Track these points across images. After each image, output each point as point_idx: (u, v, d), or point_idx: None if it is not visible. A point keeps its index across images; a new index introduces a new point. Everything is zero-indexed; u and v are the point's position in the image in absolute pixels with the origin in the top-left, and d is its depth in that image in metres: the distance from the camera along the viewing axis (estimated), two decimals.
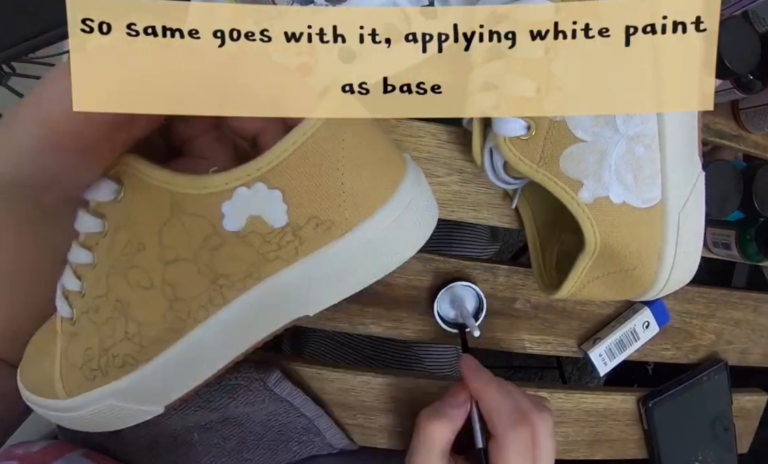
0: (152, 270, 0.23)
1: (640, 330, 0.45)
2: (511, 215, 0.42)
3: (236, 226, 0.22)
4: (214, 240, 0.22)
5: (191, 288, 0.23)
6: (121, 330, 0.23)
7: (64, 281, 0.25)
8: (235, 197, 0.21)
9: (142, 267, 0.23)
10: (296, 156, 0.22)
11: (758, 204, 0.41)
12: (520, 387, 0.45)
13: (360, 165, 0.23)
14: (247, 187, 0.21)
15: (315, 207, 0.22)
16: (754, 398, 0.52)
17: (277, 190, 0.22)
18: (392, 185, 0.24)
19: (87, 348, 0.24)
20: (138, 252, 0.23)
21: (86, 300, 0.24)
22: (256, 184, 0.21)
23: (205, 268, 0.22)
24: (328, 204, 0.22)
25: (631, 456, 0.49)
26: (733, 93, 0.41)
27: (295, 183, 0.22)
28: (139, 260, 0.23)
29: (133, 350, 0.23)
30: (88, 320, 0.24)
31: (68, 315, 0.25)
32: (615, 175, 0.29)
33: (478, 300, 0.41)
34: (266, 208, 0.22)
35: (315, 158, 0.22)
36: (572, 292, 0.34)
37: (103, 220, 0.23)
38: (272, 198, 0.22)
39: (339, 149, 0.22)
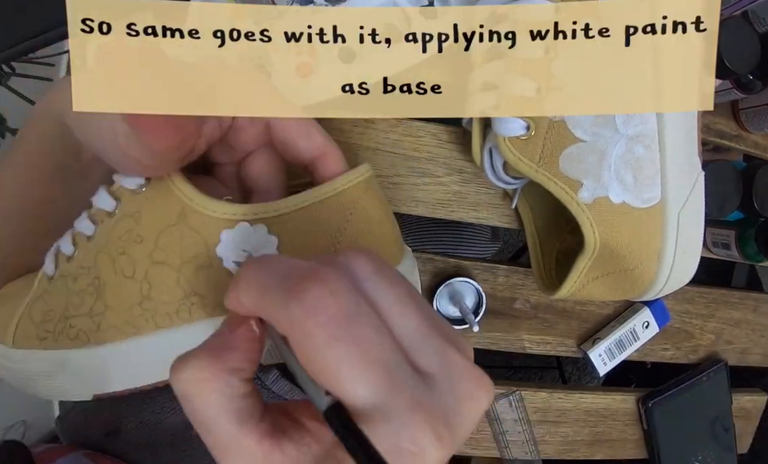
0: (139, 263, 0.23)
1: (639, 330, 0.45)
2: (511, 215, 0.42)
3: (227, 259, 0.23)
4: (202, 260, 0.23)
5: (165, 294, 0.23)
6: (88, 305, 0.24)
7: (61, 243, 0.26)
8: (236, 229, 0.22)
9: (131, 256, 0.24)
10: (302, 213, 0.23)
11: (758, 204, 0.41)
12: (519, 387, 0.45)
13: (358, 241, 0.24)
14: (250, 224, 0.22)
15: None
16: (754, 398, 0.52)
17: (275, 237, 0.23)
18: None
19: (50, 309, 0.25)
20: (134, 243, 0.24)
21: (71, 266, 0.25)
22: (258, 225, 0.22)
23: (184, 281, 0.23)
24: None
25: (631, 456, 0.49)
26: (733, 93, 0.41)
27: (292, 236, 0.23)
28: (132, 250, 0.24)
29: (90, 328, 0.24)
30: (64, 284, 0.25)
31: (50, 273, 0.26)
32: (615, 175, 0.29)
33: (477, 296, 0.41)
34: (260, 249, 0.23)
35: (318, 222, 0.23)
36: (572, 292, 0.34)
37: (118, 203, 0.24)
38: (268, 242, 0.23)
39: (343, 221, 0.23)
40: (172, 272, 0.23)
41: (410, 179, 0.40)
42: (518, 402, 0.45)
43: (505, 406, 0.45)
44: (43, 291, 0.26)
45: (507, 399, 0.45)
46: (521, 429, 0.45)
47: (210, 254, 0.23)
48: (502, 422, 0.45)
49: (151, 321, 0.24)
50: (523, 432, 0.45)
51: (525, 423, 0.45)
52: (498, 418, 0.45)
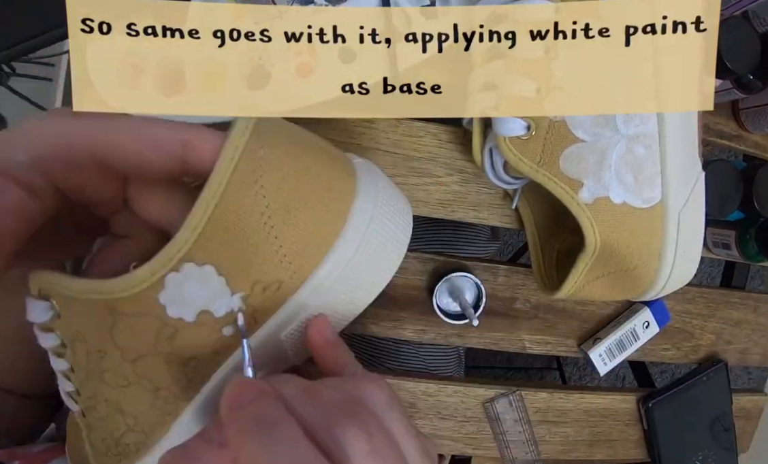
0: (122, 370, 0.22)
1: (640, 330, 0.45)
2: (511, 215, 0.42)
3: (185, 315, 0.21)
4: (167, 331, 0.21)
5: (166, 377, 0.22)
6: (122, 423, 0.23)
7: (60, 384, 0.24)
8: (167, 285, 0.20)
9: (112, 370, 0.22)
10: (213, 222, 0.19)
11: (758, 204, 0.41)
12: (519, 386, 0.45)
13: (291, 209, 0.20)
14: (176, 271, 0.20)
15: (254, 271, 0.20)
16: (754, 398, 0.52)
17: (209, 265, 0.20)
18: (340, 217, 0.21)
19: (103, 438, 0.24)
20: (102, 358, 0.22)
21: (83, 399, 0.24)
22: (184, 266, 0.19)
23: (170, 357, 0.22)
24: (267, 264, 0.20)
25: (631, 457, 0.49)
26: (733, 93, 0.41)
27: (222, 252, 0.20)
28: (106, 364, 0.22)
29: (139, 438, 0.24)
30: (93, 416, 0.24)
31: (77, 410, 0.24)
32: (615, 175, 0.29)
33: (477, 291, 0.41)
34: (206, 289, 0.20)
35: (234, 217, 0.19)
36: (572, 292, 0.34)
37: (57, 335, 0.22)
38: (206, 274, 0.20)
39: (260, 199, 0.20)
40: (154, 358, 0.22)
41: (410, 179, 0.40)
42: (518, 402, 0.45)
43: (505, 406, 0.45)
44: (86, 426, 0.25)
45: (507, 399, 0.45)
46: (521, 429, 0.45)
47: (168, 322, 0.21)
48: (502, 422, 0.45)
49: (180, 400, 0.23)
50: (523, 432, 0.45)
51: (525, 423, 0.45)
52: (498, 418, 0.45)
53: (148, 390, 0.22)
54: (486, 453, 0.46)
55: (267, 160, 0.20)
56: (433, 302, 0.41)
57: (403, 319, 0.42)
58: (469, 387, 0.45)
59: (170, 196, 0.22)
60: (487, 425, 0.45)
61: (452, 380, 0.46)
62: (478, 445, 0.46)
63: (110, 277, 0.20)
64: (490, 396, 0.45)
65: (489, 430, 0.46)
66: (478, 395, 0.45)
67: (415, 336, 0.43)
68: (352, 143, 0.38)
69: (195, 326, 0.21)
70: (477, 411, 0.45)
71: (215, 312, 0.21)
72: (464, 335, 0.43)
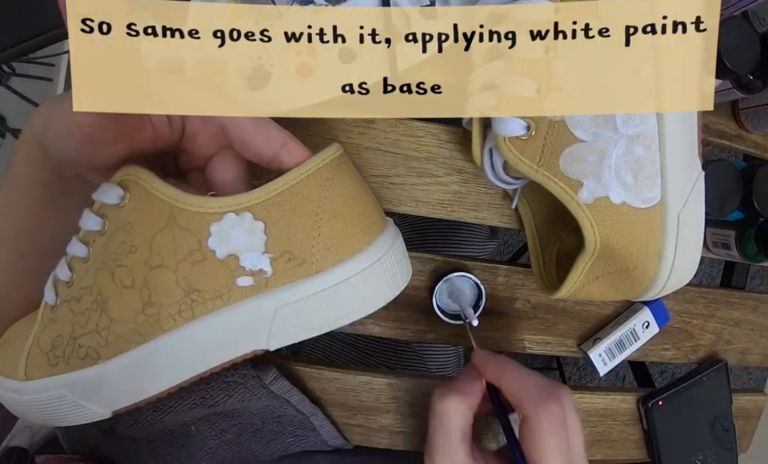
0: (136, 271, 0.24)
1: (640, 330, 0.45)
2: (511, 215, 0.42)
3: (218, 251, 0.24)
4: (196, 255, 0.24)
5: (166, 296, 0.24)
6: (93, 322, 0.25)
7: (57, 271, 0.26)
8: (224, 220, 0.24)
9: (128, 267, 0.24)
10: (283, 195, 0.24)
11: (758, 204, 0.41)
12: None
13: (338, 214, 0.25)
14: (236, 213, 0.24)
15: (291, 243, 0.24)
16: (754, 398, 0.52)
17: (261, 222, 0.24)
18: (366, 239, 0.26)
19: (58, 335, 0.26)
20: (129, 254, 0.24)
21: (72, 289, 0.26)
22: (243, 213, 0.24)
23: (182, 280, 0.24)
24: (303, 242, 0.24)
25: (631, 457, 0.49)
26: (733, 93, 0.41)
27: (277, 218, 0.24)
28: (128, 260, 0.24)
29: (98, 344, 0.25)
30: (68, 308, 0.26)
31: (52, 302, 0.26)
32: (615, 175, 0.29)
33: (477, 291, 0.41)
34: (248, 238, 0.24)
35: (299, 199, 0.24)
36: (572, 292, 0.34)
37: (104, 221, 0.25)
38: (255, 227, 0.24)
39: (322, 197, 0.25)
40: (169, 273, 0.24)
41: (410, 179, 0.40)
42: None
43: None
44: (48, 321, 0.26)
45: None
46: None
47: (203, 248, 0.24)
48: None
49: (157, 326, 0.24)
50: None
51: None
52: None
53: (142, 301, 0.24)
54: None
55: (339, 178, 0.25)
56: (433, 302, 0.41)
57: (403, 319, 0.42)
58: None
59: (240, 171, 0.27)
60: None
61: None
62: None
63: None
64: None
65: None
66: None
67: (415, 336, 0.43)
68: (352, 143, 0.38)
69: (219, 263, 0.24)
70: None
71: (243, 260, 0.24)
72: (464, 335, 0.43)
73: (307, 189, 0.24)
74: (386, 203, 0.40)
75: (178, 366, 0.26)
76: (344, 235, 0.25)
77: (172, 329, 0.25)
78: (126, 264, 0.24)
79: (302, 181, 0.24)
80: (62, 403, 0.26)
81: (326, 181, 0.25)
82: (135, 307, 0.24)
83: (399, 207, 0.40)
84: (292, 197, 0.24)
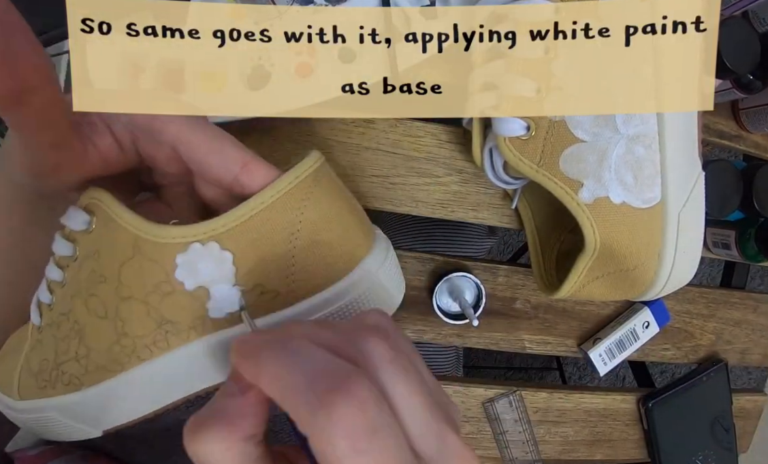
0: (108, 302, 0.23)
1: (640, 330, 0.45)
2: (511, 215, 0.42)
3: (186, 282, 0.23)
4: (165, 287, 0.23)
5: (139, 327, 0.23)
6: (73, 350, 0.24)
7: (39, 292, 0.26)
8: (189, 250, 0.22)
9: (100, 298, 0.23)
10: (251, 223, 0.22)
11: (758, 204, 0.41)
12: (519, 386, 0.45)
13: (316, 242, 0.23)
14: (202, 243, 0.22)
15: (263, 276, 0.23)
16: (754, 398, 0.52)
17: (229, 252, 0.22)
18: (349, 265, 0.24)
19: (44, 358, 0.25)
20: (99, 283, 0.23)
21: (53, 314, 0.25)
22: (210, 243, 0.22)
23: (153, 312, 0.23)
24: (275, 275, 0.23)
25: (631, 457, 0.49)
26: (733, 93, 0.41)
27: (245, 248, 0.22)
28: (99, 290, 0.23)
29: (79, 371, 0.24)
30: (50, 333, 0.25)
31: (37, 324, 0.26)
32: (615, 175, 0.29)
33: (477, 291, 0.41)
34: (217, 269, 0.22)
35: (269, 226, 0.22)
36: (572, 292, 0.34)
37: (75, 246, 0.24)
38: (223, 258, 0.22)
39: (296, 222, 0.22)
40: (140, 305, 0.23)
41: (410, 179, 0.40)
42: (518, 402, 0.45)
43: (505, 406, 0.45)
44: (35, 342, 0.26)
45: (507, 399, 0.45)
46: (521, 429, 0.45)
47: (171, 280, 0.22)
48: (502, 422, 0.45)
49: (134, 356, 0.24)
50: (523, 432, 0.45)
51: (525, 423, 0.45)
52: (498, 418, 0.45)
53: (117, 331, 0.23)
54: (486, 453, 0.46)
55: (315, 197, 0.23)
56: (433, 302, 0.41)
57: (403, 319, 0.42)
58: (468, 387, 0.45)
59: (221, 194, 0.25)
60: (487, 425, 0.45)
61: (452, 380, 0.46)
62: (477, 445, 0.46)
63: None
64: (490, 397, 0.45)
65: (489, 430, 0.46)
66: (478, 395, 0.45)
67: (415, 336, 0.43)
68: (352, 143, 0.38)
69: (189, 295, 0.23)
70: (477, 411, 0.45)
71: (212, 293, 0.23)
72: (464, 335, 0.43)
73: (278, 214, 0.22)
74: (386, 203, 0.40)
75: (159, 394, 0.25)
76: (324, 263, 0.23)
77: (149, 359, 0.24)
78: (97, 294, 0.23)
79: (272, 206, 0.22)
80: (54, 423, 0.26)
81: (300, 203, 0.22)
82: (110, 338, 0.24)
83: (399, 207, 0.40)
84: (261, 225, 0.22)
